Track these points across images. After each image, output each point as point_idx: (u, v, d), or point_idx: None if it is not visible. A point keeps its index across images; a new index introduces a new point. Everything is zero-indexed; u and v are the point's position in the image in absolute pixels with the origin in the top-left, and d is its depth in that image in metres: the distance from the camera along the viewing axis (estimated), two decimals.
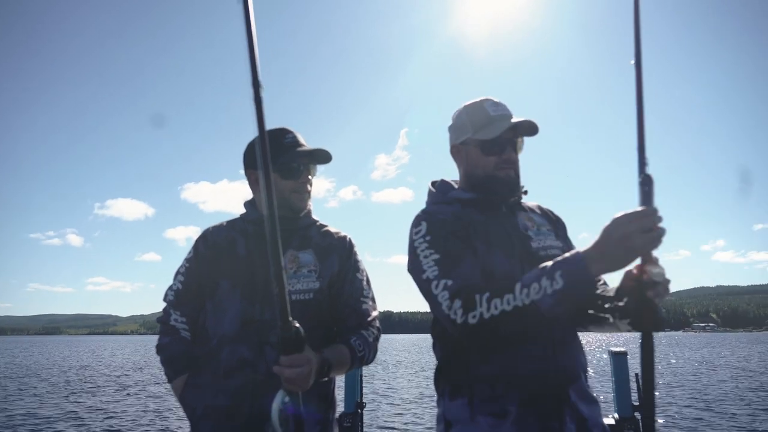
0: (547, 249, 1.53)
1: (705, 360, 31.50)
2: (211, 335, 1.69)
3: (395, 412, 11.88)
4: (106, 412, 11.71)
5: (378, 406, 12.54)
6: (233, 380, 1.61)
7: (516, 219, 1.59)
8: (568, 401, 1.41)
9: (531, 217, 1.62)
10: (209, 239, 1.82)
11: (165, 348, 1.76)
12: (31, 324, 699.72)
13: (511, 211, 1.61)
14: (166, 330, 1.78)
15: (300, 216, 1.77)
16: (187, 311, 1.78)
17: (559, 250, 1.51)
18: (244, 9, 1.12)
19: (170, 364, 1.74)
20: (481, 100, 1.62)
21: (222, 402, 1.61)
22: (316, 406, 1.67)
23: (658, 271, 1.14)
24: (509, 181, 1.57)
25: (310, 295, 1.68)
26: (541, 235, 1.57)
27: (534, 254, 1.51)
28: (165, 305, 1.82)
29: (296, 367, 1.24)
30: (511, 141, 1.56)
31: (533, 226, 1.58)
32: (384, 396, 14.77)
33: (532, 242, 1.54)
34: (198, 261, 1.80)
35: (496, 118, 1.57)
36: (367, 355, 1.67)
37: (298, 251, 1.73)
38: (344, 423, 3.22)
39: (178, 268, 1.85)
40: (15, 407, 12.31)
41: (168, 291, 1.83)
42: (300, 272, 1.69)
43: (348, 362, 1.60)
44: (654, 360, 1.12)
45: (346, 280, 1.75)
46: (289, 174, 1.70)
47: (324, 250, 1.76)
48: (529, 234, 1.56)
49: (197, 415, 1.65)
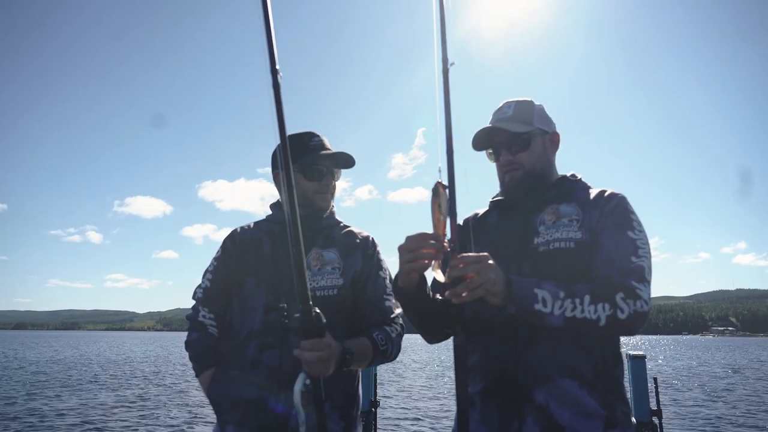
0: (549, 243, 1.50)
1: (728, 364, 30.93)
2: (238, 331, 1.75)
3: (409, 410, 11.90)
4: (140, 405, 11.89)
5: (392, 405, 12.57)
6: (259, 372, 1.66)
7: (537, 215, 1.57)
8: (531, 402, 1.40)
9: (558, 209, 1.55)
10: (237, 239, 1.90)
11: (193, 343, 1.82)
12: (51, 319, 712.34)
13: (538, 207, 1.59)
14: (195, 326, 1.84)
15: (323, 216, 1.84)
16: (215, 308, 1.85)
17: (567, 242, 1.48)
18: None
19: (198, 358, 1.80)
20: (497, 107, 1.69)
21: (248, 395, 1.66)
22: (339, 401, 1.70)
23: (454, 268, 1.25)
24: (513, 182, 1.62)
25: (334, 291, 1.73)
26: (554, 228, 1.51)
27: (533, 250, 1.51)
28: (194, 302, 1.89)
29: (316, 351, 1.27)
30: (504, 144, 1.62)
31: (551, 220, 1.53)
32: (398, 394, 14.79)
33: (536, 238, 1.53)
34: (225, 260, 1.88)
35: (485, 128, 1.64)
36: (390, 350, 1.70)
37: (323, 249, 1.79)
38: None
39: (207, 267, 1.93)
40: (43, 401, 12.56)
41: (197, 289, 1.90)
42: (324, 269, 1.75)
43: (370, 355, 1.63)
44: (466, 365, 1.29)
45: (369, 279, 1.80)
46: (312, 175, 1.77)
47: (347, 248, 1.82)
48: (539, 229, 1.53)
49: (224, 408, 1.70)
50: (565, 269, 1.45)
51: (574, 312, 1.30)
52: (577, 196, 1.59)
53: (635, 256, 1.41)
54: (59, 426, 9.47)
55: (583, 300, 1.30)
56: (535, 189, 1.61)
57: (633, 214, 1.50)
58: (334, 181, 1.82)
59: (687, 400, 14.46)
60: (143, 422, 9.99)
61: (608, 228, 1.47)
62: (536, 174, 1.61)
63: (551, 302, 1.29)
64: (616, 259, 1.41)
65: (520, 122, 1.61)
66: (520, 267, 1.50)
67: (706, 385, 18.80)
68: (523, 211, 1.61)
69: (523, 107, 1.64)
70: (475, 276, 1.24)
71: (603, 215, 1.50)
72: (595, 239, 1.47)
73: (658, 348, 62.77)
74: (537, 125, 1.62)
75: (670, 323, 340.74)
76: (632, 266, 1.39)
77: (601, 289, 1.34)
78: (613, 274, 1.39)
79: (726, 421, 11.41)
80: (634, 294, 1.34)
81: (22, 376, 18.65)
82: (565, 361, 1.41)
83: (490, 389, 1.47)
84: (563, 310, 1.30)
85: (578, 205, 1.55)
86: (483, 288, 1.24)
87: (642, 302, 1.34)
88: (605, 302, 1.31)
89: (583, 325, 1.30)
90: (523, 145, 1.59)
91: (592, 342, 1.42)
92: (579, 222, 1.51)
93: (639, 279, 1.37)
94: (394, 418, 10.74)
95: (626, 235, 1.45)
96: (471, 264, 1.25)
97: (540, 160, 1.62)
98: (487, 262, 1.27)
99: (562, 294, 1.31)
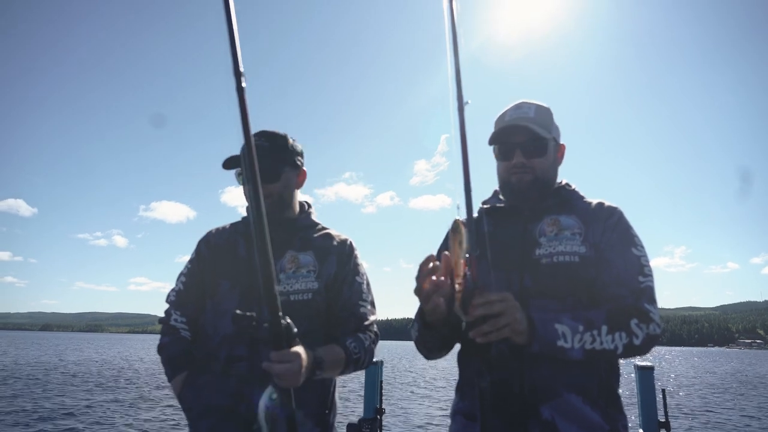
0: (552, 256, 1.47)
1: (753, 376, 30.07)
2: (212, 335, 1.71)
3: (414, 418, 11.78)
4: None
5: (398, 412, 12.46)
6: (231, 380, 1.62)
7: (536, 224, 1.54)
8: (537, 417, 1.39)
9: (558, 220, 1.53)
10: (211, 241, 1.85)
11: (165, 347, 1.78)
12: (76, 321, 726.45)
13: (536, 216, 1.56)
14: (167, 330, 1.80)
15: (293, 218, 1.80)
16: (188, 312, 1.80)
17: (571, 256, 1.45)
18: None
19: (170, 363, 1.75)
20: (513, 104, 1.64)
21: (220, 401, 1.63)
22: (314, 408, 1.68)
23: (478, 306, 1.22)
24: (521, 186, 1.55)
25: (309, 295, 1.69)
26: (556, 240, 1.49)
27: (535, 262, 1.48)
28: (167, 306, 1.84)
29: (285, 362, 1.24)
30: (522, 145, 1.54)
31: (552, 231, 1.51)
32: (404, 402, 14.67)
33: (537, 249, 1.49)
34: (199, 262, 1.83)
35: (508, 122, 1.58)
36: (363, 359, 1.67)
37: (298, 252, 1.74)
38: (363, 428, 3.29)
39: (181, 270, 1.87)
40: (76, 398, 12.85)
41: (170, 292, 1.85)
42: (299, 272, 1.71)
43: (342, 363, 1.60)
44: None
45: (345, 283, 1.75)
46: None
47: (324, 251, 1.77)
48: (540, 240, 1.50)
49: (195, 414, 1.67)
50: (569, 283, 1.44)
51: (593, 345, 1.31)
52: (575, 207, 1.57)
53: (642, 275, 1.43)
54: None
55: (600, 331, 1.32)
56: (537, 197, 1.57)
57: (632, 229, 1.52)
58: (242, 185, 1.67)
59: (699, 412, 14.11)
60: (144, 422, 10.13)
61: (614, 245, 1.47)
62: (544, 182, 1.57)
63: (571, 337, 1.30)
64: (625, 278, 1.42)
65: (540, 126, 1.56)
66: (522, 278, 1.47)
67: (720, 397, 18.29)
68: (520, 219, 1.57)
69: (543, 112, 1.60)
70: (502, 315, 1.22)
71: (606, 230, 1.49)
72: (600, 255, 1.46)
73: (680, 359, 61.30)
74: (553, 134, 1.60)
75: (695, 335, 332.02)
76: (642, 287, 1.41)
77: (616, 316, 1.35)
78: (625, 294, 1.40)
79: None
80: (647, 318, 1.36)
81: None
82: (571, 377, 1.40)
83: (495, 405, 1.40)
84: (583, 343, 1.31)
85: (578, 218, 1.53)
86: (509, 328, 1.23)
87: (654, 325, 1.36)
88: (621, 331, 1.33)
89: (602, 355, 1.33)
90: (540, 151, 1.55)
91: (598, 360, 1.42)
92: (582, 236, 1.49)
93: (650, 300, 1.40)
94: (399, 426, 10.61)
95: (631, 253, 1.46)
96: (496, 303, 1.23)
97: (550, 169, 1.59)
98: (512, 301, 1.26)
99: (581, 327, 1.31)
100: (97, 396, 14.00)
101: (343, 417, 9.61)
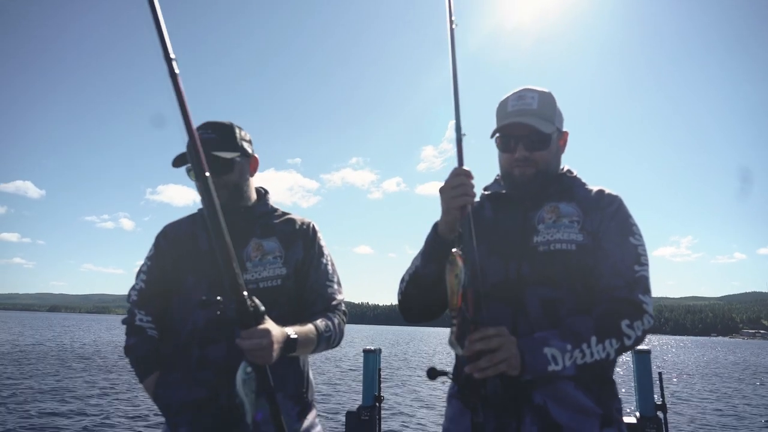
0: (549, 243, 1.47)
1: (748, 365, 30.12)
2: (180, 330, 1.68)
3: (414, 405, 11.66)
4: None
5: (396, 399, 12.34)
6: (207, 372, 1.60)
7: (536, 212, 1.54)
8: (529, 402, 1.40)
9: (557, 207, 1.53)
10: (170, 235, 1.80)
11: (133, 348, 1.74)
12: (83, 303, 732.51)
13: (536, 204, 1.56)
14: (133, 330, 1.76)
15: (250, 204, 1.78)
16: (153, 309, 1.76)
17: (568, 244, 1.46)
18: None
19: (140, 364, 1.72)
20: (513, 92, 1.61)
21: (197, 395, 1.61)
22: (293, 389, 1.70)
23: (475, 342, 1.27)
24: (523, 179, 1.55)
25: (278, 281, 1.69)
26: (554, 228, 1.49)
27: (533, 249, 1.48)
28: (129, 306, 1.80)
29: (256, 338, 1.28)
30: (523, 138, 1.53)
31: (551, 219, 1.51)
32: (402, 389, 14.55)
33: (535, 236, 1.50)
34: (160, 258, 1.78)
35: (510, 113, 1.56)
36: (334, 337, 1.68)
37: (262, 239, 1.73)
38: (362, 416, 3.31)
39: (140, 267, 1.81)
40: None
41: (131, 291, 1.80)
42: (265, 259, 1.69)
43: (314, 341, 1.60)
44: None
45: (311, 266, 1.76)
46: None
47: (288, 236, 1.76)
48: (539, 228, 1.51)
49: (173, 411, 1.65)
50: (565, 271, 1.45)
51: (584, 359, 1.33)
52: (575, 194, 1.56)
53: (638, 264, 1.43)
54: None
55: (590, 343, 1.32)
56: (532, 189, 1.57)
57: (632, 218, 1.52)
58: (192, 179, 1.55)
59: (694, 396, 14.14)
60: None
61: (612, 234, 1.47)
62: (546, 173, 1.57)
63: (561, 358, 1.31)
64: (621, 268, 1.43)
65: (544, 119, 1.54)
66: (520, 266, 1.47)
67: (717, 383, 18.32)
68: (521, 206, 1.57)
69: (546, 102, 1.57)
70: (498, 350, 1.25)
71: (604, 219, 1.49)
72: (597, 244, 1.47)
73: (684, 348, 61.13)
74: (557, 124, 1.58)
75: (698, 324, 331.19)
76: (637, 276, 1.42)
77: (605, 322, 1.35)
78: (619, 285, 1.41)
79: (731, 416, 11.19)
80: (640, 310, 1.38)
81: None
82: None
83: (489, 390, 1.42)
84: (573, 360, 1.32)
85: (578, 205, 1.53)
86: (506, 363, 1.26)
87: (648, 317, 1.38)
88: (611, 338, 1.34)
89: (595, 365, 1.34)
90: (544, 145, 1.54)
91: None
92: (580, 224, 1.49)
93: (645, 291, 1.41)
94: (398, 413, 10.40)
95: (629, 242, 1.46)
96: (494, 338, 1.25)
97: (553, 160, 1.59)
98: (508, 336, 1.28)
99: (569, 346, 1.32)
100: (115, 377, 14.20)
101: (340, 406, 9.71)
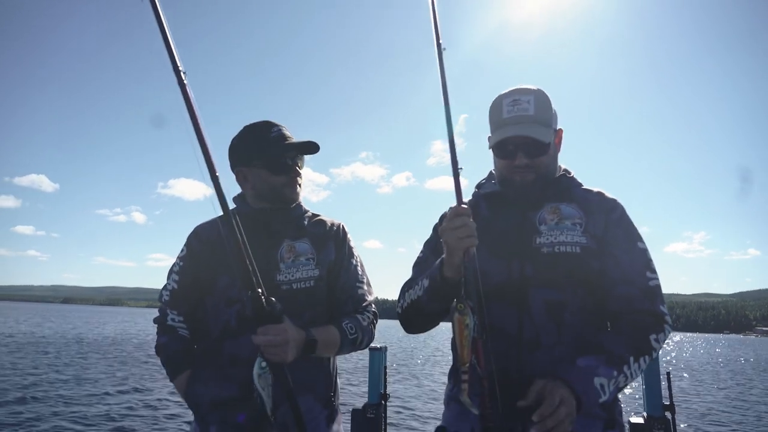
0: (553, 245, 1.46)
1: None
2: (212, 329, 1.69)
3: (419, 403, 11.70)
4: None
5: (403, 395, 12.37)
6: (240, 368, 1.58)
7: (536, 212, 1.53)
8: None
9: (558, 208, 1.52)
10: (202, 236, 1.81)
11: (164, 347, 1.77)
12: (96, 295, 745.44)
13: (536, 204, 1.54)
14: (164, 330, 1.79)
15: (291, 207, 1.78)
16: (185, 309, 1.79)
17: (572, 247, 1.45)
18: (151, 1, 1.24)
19: (170, 362, 1.75)
20: (503, 95, 1.56)
21: (230, 393, 1.62)
22: (322, 392, 1.70)
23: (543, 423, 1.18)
24: (524, 184, 1.53)
25: (311, 282, 1.70)
26: (557, 229, 1.48)
27: (536, 250, 1.47)
28: (161, 305, 1.83)
29: (270, 335, 1.34)
30: (522, 145, 1.51)
31: (553, 220, 1.50)
32: (409, 384, 14.73)
33: (538, 237, 1.48)
34: (192, 258, 1.79)
35: (507, 120, 1.53)
36: (361, 338, 1.68)
37: (294, 241, 1.74)
38: (368, 414, 3.24)
39: (171, 267, 1.83)
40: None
41: (162, 291, 1.82)
42: (298, 261, 1.71)
43: (338, 343, 1.61)
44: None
45: (342, 267, 1.78)
46: (279, 169, 1.70)
47: (320, 238, 1.78)
48: (541, 229, 1.49)
49: (205, 409, 1.66)
50: (569, 273, 1.44)
51: (625, 382, 1.33)
52: (574, 195, 1.56)
53: (649, 270, 1.45)
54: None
55: (629, 364, 1.32)
56: (531, 194, 1.55)
57: (633, 223, 1.53)
58: (299, 170, 1.74)
59: (703, 394, 14.06)
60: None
61: (620, 240, 1.47)
62: (546, 178, 1.56)
63: (608, 386, 1.29)
64: (633, 276, 1.44)
65: (542, 125, 1.52)
66: (523, 266, 1.46)
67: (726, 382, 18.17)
68: (520, 206, 1.55)
69: (542, 104, 1.54)
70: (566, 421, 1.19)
71: (609, 224, 1.49)
72: (603, 249, 1.46)
73: (693, 346, 60.86)
74: (553, 126, 1.56)
75: (711, 321, 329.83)
76: (651, 285, 1.43)
77: (637, 339, 1.36)
78: (635, 294, 1.42)
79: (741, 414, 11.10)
80: (662, 321, 1.40)
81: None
82: (573, 362, 1.40)
83: (493, 392, 1.40)
84: (617, 385, 1.31)
85: (579, 207, 1.52)
86: (570, 416, 1.21)
87: (668, 328, 1.40)
88: (646, 354, 1.35)
89: (631, 381, 1.36)
90: (543, 151, 1.52)
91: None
92: (582, 226, 1.49)
93: (663, 301, 1.43)
94: (405, 411, 10.51)
95: (637, 247, 1.47)
96: (563, 414, 1.19)
97: (552, 162, 1.58)
98: (569, 399, 1.22)
99: (615, 372, 1.30)
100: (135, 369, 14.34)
101: (347, 403, 9.65)
